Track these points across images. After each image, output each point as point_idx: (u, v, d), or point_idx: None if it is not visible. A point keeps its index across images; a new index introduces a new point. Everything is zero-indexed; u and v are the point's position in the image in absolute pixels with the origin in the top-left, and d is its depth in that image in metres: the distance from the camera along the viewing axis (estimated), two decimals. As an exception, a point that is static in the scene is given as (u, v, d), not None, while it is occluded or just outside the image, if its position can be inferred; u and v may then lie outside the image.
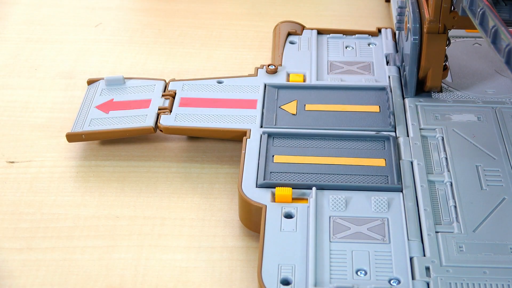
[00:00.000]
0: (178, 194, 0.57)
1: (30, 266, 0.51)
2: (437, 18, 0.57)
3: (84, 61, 0.72)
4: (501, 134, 0.57)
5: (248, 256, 0.52)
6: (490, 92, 0.62)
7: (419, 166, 0.54)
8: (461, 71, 0.65)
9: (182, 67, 0.71)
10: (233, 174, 0.58)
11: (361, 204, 0.52)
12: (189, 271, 0.51)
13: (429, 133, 0.58)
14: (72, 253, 0.52)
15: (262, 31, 0.76)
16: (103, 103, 0.62)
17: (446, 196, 0.52)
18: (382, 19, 0.77)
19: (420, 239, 0.49)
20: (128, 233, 0.54)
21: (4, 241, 0.53)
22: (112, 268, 0.51)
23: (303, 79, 0.64)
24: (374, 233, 0.50)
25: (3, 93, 0.68)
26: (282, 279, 0.47)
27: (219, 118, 0.60)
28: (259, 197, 0.52)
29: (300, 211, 0.51)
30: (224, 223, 0.55)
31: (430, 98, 0.61)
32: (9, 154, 0.61)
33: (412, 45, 0.59)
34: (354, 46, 0.68)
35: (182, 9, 0.80)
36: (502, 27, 0.45)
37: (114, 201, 0.56)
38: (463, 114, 0.59)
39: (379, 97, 0.62)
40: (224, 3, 0.81)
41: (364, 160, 0.55)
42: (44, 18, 0.78)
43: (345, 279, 0.47)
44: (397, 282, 0.46)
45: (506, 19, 0.51)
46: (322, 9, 0.80)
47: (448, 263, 0.47)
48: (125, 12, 0.80)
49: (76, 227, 0.54)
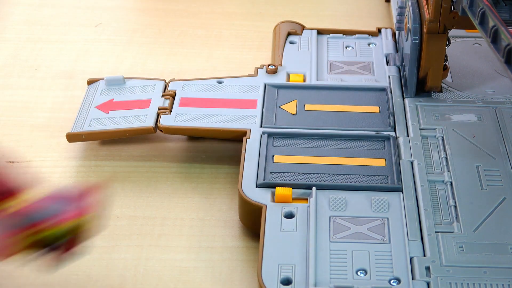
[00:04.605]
0: (178, 194, 0.57)
1: (30, 266, 0.51)
2: (437, 18, 0.57)
3: (84, 61, 0.72)
4: (501, 134, 0.57)
5: (248, 256, 0.52)
6: (490, 92, 0.62)
7: (419, 166, 0.54)
8: (461, 71, 0.65)
9: (182, 67, 0.71)
10: (233, 174, 0.58)
11: (361, 204, 0.52)
12: (189, 271, 0.51)
13: (429, 133, 0.58)
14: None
15: (262, 31, 0.76)
16: (103, 103, 0.62)
17: (446, 196, 0.52)
18: (382, 19, 0.77)
19: (420, 239, 0.49)
20: (128, 233, 0.54)
21: (4, 241, 0.53)
22: (112, 268, 0.51)
23: (303, 79, 0.64)
24: (374, 233, 0.50)
25: (3, 93, 0.68)
26: (282, 279, 0.47)
27: (219, 118, 0.60)
28: (259, 197, 0.52)
29: (300, 211, 0.51)
30: (224, 223, 0.55)
31: (430, 98, 0.61)
32: (9, 154, 0.61)
33: (412, 45, 0.59)
34: (354, 46, 0.68)
35: (182, 9, 0.80)
36: (502, 27, 0.46)
37: (114, 201, 0.56)
38: (463, 114, 0.59)
39: (379, 97, 0.62)
40: (224, 3, 0.81)
41: (364, 160, 0.55)
42: (44, 18, 0.78)
43: (345, 279, 0.47)
44: (397, 282, 0.46)
45: (506, 19, 0.51)
46: (322, 9, 0.80)
47: (448, 263, 0.47)
48: (125, 12, 0.80)
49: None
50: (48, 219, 0.44)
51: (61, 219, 0.44)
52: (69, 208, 0.45)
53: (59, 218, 0.44)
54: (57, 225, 0.44)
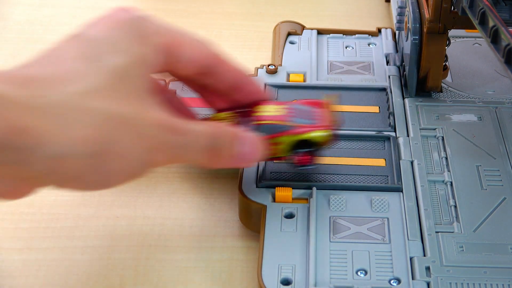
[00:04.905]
0: (178, 194, 0.57)
1: (30, 266, 0.51)
2: (437, 18, 0.57)
3: (84, 61, 0.72)
4: (501, 134, 0.57)
5: (248, 256, 0.52)
6: (490, 92, 0.62)
7: (419, 166, 0.54)
8: (461, 71, 0.65)
9: (182, 67, 0.71)
10: (233, 174, 0.58)
11: (361, 204, 0.52)
12: (189, 271, 0.51)
13: (429, 133, 0.58)
14: (72, 253, 0.52)
15: (262, 31, 0.76)
16: (103, 103, 0.62)
17: (446, 196, 0.52)
18: (382, 19, 0.77)
19: (420, 239, 0.49)
20: (128, 233, 0.54)
21: (4, 241, 0.53)
22: (112, 268, 0.51)
23: (303, 79, 0.64)
24: (374, 233, 0.50)
25: (3, 93, 0.68)
26: (282, 279, 0.47)
27: (219, 118, 0.60)
28: (259, 197, 0.52)
29: (300, 211, 0.51)
30: (224, 223, 0.54)
31: (430, 98, 0.61)
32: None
33: (412, 45, 0.59)
34: (354, 46, 0.68)
35: (182, 9, 0.80)
36: (502, 27, 0.46)
37: (114, 201, 0.56)
38: (463, 114, 0.59)
39: (379, 97, 0.62)
40: (224, 3, 0.81)
41: (364, 160, 0.55)
42: (44, 18, 0.78)
43: (345, 279, 0.47)
44: (397, 282, 0.46)
45: (506, 19, 0.51)
46: (322, 9, 0.80)
47: (448, 263, 0.47)
48: (125, 12, 0.80)
49: (76, 227, 0.54)
50: (301, 127, 0.51)
51: (313, 128, 0.51)
52: (318, 120, 0.52)
53: (311, 128, 0.51)
54: (309, 132, 0.50)
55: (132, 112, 0.43)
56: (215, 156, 0.48)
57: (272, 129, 0.51)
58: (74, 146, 0.41)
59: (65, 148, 0.40)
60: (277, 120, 0.51)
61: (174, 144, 0.45)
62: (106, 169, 0.42)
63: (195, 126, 0.47)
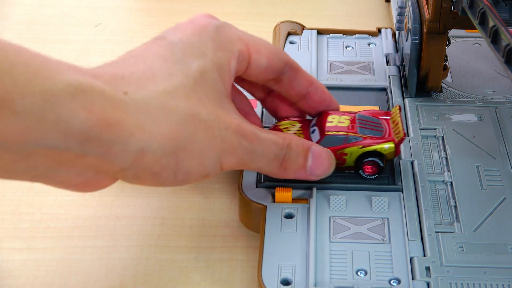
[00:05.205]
0: (178, 194, 0.57)
1: (30, 266, 0.51)
2: (437, 18, 0.57)
3: (84, 61, 0.72)
4: (501, 134, 0.57)
5: (248, 256, 0.52)
6: (490, 92, 0.62)
7: (419, 166, 0.54)
8: (461, 71, 0.65)
9: (182, 67, 0.71)
10: (233, 174, 0.58)
11: (361, 204, 0.52)
12: (189, 271, 0.51)
13: (429, 133, 0.58)
14: (72, 253, 0.52)
15: (262, 31, 0.75)
16: (103, 103, 0.62)
17: (446, 196, 0.52)
18: (382, 19, 0.77)
19: (420, 239, 0.49)
20: (128, 233, 0.54)
21: (4, 241, 0.53)
22: (112, 268, 0.51)
23: (303, 79, 0.64)
24: (374, 233, 0.50)
25: (3, 93, 0.68)
26: (282, 279, 0.47)
27: (219, 118, 0.59)
28: (259, 197, 0.52)
29: (300, 211, 0.51)
30: (224, 223, 0.54)
31: (430, 98, 0.61)
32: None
33: (412, 45, 0.59)
34: (354, 46, 0.68)
35: (182, 9, 0.80)
36: (502, 27, 0.46)
37: (114, 201, 0.56)
38: (463, 114, 0.59)
39: (379, 97, 0.62)
40: (224, 3, 0.81)
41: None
42: (44, 18, 0.78)
43: (345, 279, 0.47)
44: (397, 282, 0.46)
45: (506, 19, 0.51)
46: (322, 9, 0.80)
47: (448, 263, 0.47)
48: (125, 12, 0.80)
49: (76, 227, 0.54)
50: (369, 138, 0.52)
51: (381, 140, 0.52)
52: (384, 132, 0.53)
53: (379, 140, 0.52)
54: (377, 145, 0.52)
55: (210, 114, 0.45)
56: (284, 167, 0.50)
57: (339, 140, 0.52)
58: (156, 142, 0.43)
59: (147, 143, 0.42)
60: (344, 131, 0.52)
61: (246, 149, 0.47)
62: (182, 166, 0.44)
63: (267, 135, 0.49)
